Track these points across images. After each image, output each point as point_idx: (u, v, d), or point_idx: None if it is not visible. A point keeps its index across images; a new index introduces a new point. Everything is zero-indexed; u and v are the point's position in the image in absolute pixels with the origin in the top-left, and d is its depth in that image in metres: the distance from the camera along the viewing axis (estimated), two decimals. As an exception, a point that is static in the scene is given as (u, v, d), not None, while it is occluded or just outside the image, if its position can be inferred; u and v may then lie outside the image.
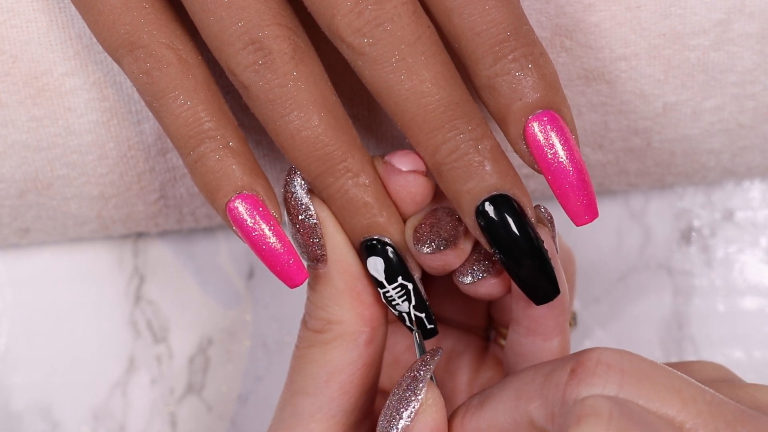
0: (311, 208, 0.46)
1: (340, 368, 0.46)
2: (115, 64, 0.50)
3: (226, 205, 0.45)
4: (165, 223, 0.57)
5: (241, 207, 0.45)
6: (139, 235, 0.60)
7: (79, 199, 0.54)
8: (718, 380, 0.44)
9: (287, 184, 0.46)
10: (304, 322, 0.47)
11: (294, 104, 0.44)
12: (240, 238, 0.45)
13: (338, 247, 0.46)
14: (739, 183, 0.61)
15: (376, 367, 0.47)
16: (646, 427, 0.37)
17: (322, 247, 0.46)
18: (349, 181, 0.45)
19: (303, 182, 0.46)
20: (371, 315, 0.46)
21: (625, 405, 0.38)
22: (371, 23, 0.43)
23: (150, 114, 0.51)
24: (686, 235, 0.61)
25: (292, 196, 0.46)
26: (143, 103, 0.50)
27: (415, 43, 0.43)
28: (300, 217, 0.46)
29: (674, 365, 0.46)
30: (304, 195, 0.46)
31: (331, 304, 0.46)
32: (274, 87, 0.44)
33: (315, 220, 0.46)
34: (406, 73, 0.43)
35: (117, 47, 0.45)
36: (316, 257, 0.46)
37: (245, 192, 0.45)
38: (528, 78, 0.43)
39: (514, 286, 0.45)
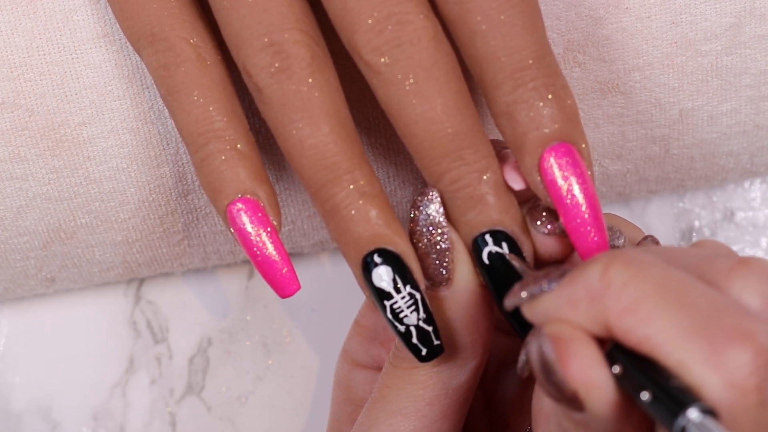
0: (447, 232, 0.45)
1: (446, 392, 0.46)
2: (130, 111, 0.50)
3: (226, 206, 0.45)
4: (190, 263, 0.57)
5: (241, 210, 0.45)
6: (138, 235, 0.60)
7: (103, 246, 0.54)
8: None
9: (421, 206, 0.45)
10: None
11: (306, 111, 0.43)
12: (237, 241, 0.45)
13: (467, 272, 0.45)
14: (740, 183, 0.61)
15: (474, 392, 0.47)
16: None
17: (450, 271, 0.45)
18: (356, 192, 0.44)
19: (441, 208, 0.45)
20: (485, 341, 0.46)
21: None
22: (390, 43, 0.43)
23: (170, 157, 0.51)
24: (687, 236, 0.61)
25: (427, 218, 0.45)
26: (162, 147, 0.51)
27: (431, 68, 0.43)
28: (435, 239, 0.45)
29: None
30: (443, 219, 0.45)
31: (448, 328, 0.45)
32: (288, 92, 0.43)
33: (448, 244, 0.45)
34: (418, 97, 0.43)
35: (138, 37, 0.45)
36: (442, 280, 0.45)
37: (247, 196, 0.45)
38: (547, 108, 0.43)
39: None
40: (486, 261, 0.44)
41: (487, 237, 0.44)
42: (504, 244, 0.44)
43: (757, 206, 0.61)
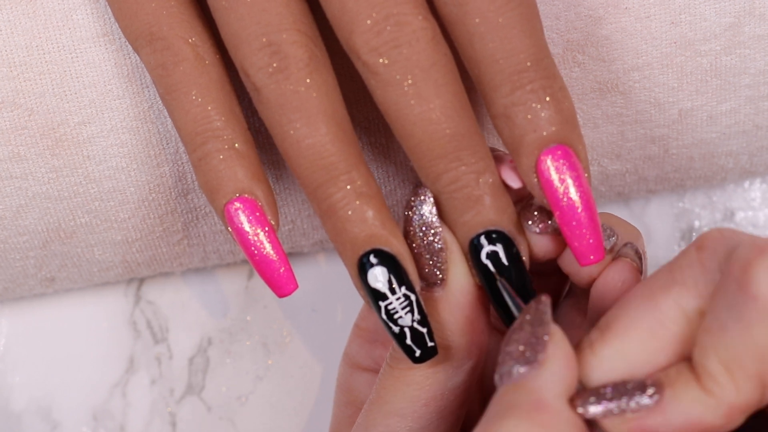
0: (440, 232, 0.45)
1: (442, 393, 0.46)
2: (130, 110, 0.50)
3: (224, 206, 0.45)
4: (189, 262, 0.57)
5: (238, 210, 0.45)
6: (139, 236, 0.60)
7: (103, 246, 0.54)
8: None
9: (415, 206, 0.45)
10: None
11: (303, 112, 0.43)
12: (235, 240, 0.45)
13: (461, 273, 0.45)
14: (740, 183, 0.61)
15: (471, 392, 0.47)
16: None
17: (444, 272, 0.45)
18: (353, 193, 0.44)
19: (434, 208, 0.45)
20: (480, 342, 0.46)
21: None
22: (389, 44, 0.43)
23: (170, 157, 0.51)
24: (687, 236, 0.61)
25: (420, 219, 0.45)
26: (161, 147, 0.51)
27: (429, 69, 0.43)
28: (429, 239, 0.45)
29: None
30: (436, 219, 0.45)
31: (443, 329, 0.45)
32: (286, 92, 0.43)
33: (442, 245, 0.45)
34: (416, 98, 0.43)
35: (137, 36, 0.45)
36: (436, 281, 0.45)
37: (245, 195, 0.45)
38: (545, 110, 0.43)
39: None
40: (485, 261, 0.44)
41: (484, 238, 0.44)
42: (499, 245, 0.44)
43: (757, 206, 0.61)
